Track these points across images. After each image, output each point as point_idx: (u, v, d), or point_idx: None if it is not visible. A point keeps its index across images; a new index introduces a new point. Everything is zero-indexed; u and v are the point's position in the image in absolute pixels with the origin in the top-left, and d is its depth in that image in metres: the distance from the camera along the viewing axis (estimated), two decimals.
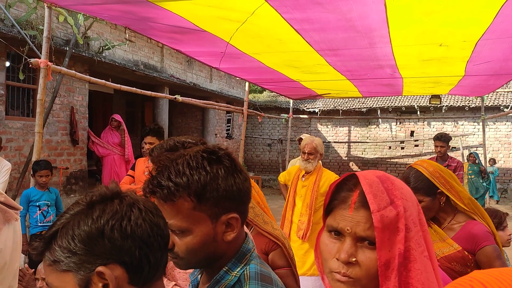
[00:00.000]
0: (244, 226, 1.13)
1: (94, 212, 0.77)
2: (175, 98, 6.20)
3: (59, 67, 5.25)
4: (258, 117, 9.24)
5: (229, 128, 15.89)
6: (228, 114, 15.55)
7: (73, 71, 5.73)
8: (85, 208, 0.78)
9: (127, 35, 9.65)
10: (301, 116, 13.51)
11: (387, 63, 4.81)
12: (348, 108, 15.19)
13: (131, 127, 11.26)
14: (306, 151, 3.71)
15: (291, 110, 10.24)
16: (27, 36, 6.13)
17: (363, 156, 15.63)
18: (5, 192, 5.18)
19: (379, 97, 14.78)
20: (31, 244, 1.21)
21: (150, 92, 6.08)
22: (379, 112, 14.87)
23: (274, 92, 9.04)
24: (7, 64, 6.94)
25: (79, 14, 5.99)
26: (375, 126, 15.47)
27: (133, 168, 3.94)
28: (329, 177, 3.73)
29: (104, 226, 0.75)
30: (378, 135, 15.47)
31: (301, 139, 6.30)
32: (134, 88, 5.59)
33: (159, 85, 10.72)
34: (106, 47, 8.34)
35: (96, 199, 0.80)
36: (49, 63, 4.72)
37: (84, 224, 0.76)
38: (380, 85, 6.54)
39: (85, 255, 0.76)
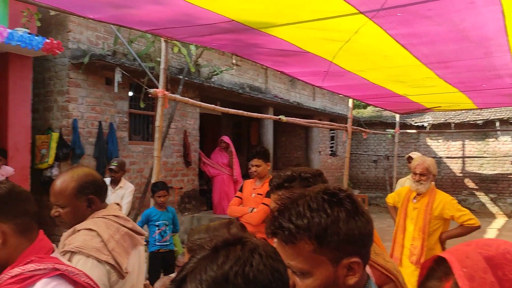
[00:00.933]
0: None
1: (219, 258, 0.80)
2: (279, 118, 6.33)
3: (174, 95, 5.70)
4: (363, 134, 9.00)
5: (333, 145, 15.70)
6: (332, 131, 15.38)
7: (186, 98, 6.18)
8: (210, 253, 0.82)
9: (234, 60, 10.16)
10: (409, 131, 12.83)
11: (506, 72, 4.38)
12: (461, 120, 14.04)
13: (238, 147, 11.72)
14: (418, 172, 3.51)
15: (397, 125, 9.79)
16: (146, 68, 6.79)
17: (480, 172, 14.25)
18: (129, 211, 5.69)
19: (496, 108, 13.44)
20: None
21: (256, 114, 6.29)
22: (498, 124, 13.50)
23: (379, 107, 8.73)
24: (130, 94, 7.73)
25: (191, 45, 6.47)
26: (494, 139, 14.05)
27: (241, 190, 4.08)
28: (444, 199, 3.47)
29: (228, 272, 0.78)
30: (497, 149, 14.01)
31: (410, 157, 5.97)
32: (241, 111, 5.83)
33: (264, 106, 11.04)
34: (215, 72, 8.86)
35: (220, 244, 0.83)
36: (166, 92, 5.15)
37: (210, 270, 0.79)
38: (499, 96, 5.96)
39: None
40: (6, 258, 1.21)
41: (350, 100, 7.30)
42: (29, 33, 5.37)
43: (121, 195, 5.03)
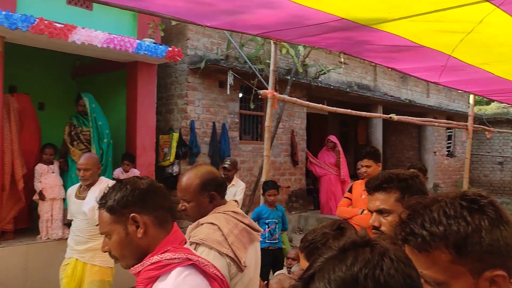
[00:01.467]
0: None
1: (347, 259, 0.79)
2: (390, 117, 6.08)
3: (282, 95, 5.81)
4: (486, 133, 8.21)
5: (450, 145, 14.57)
6: (449, 130, 14.29)
7: (294, 98, 6.25)
8: (337, 254, 0.81)
9: (342, 59, 10.00)
10: None
11: None
12: None
13: (345, 147, 11.50)
14: None
15: None
16: (256, 70, 7.02)
17: None
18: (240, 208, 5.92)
19: None
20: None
21: (364, 112, 6.13)
22: None
23: (506, 103, 7.89)
24: (240, 95, 8.06)
25: (299, 46, 6.54)
26: None
27: (350, 190, 4.02)
28: None
29: (357, 274, 0.76)
30: None
31: None
32: (349, 110, 5.73)
33: (372, 104, 10.69)
34: (322, 72, 8.82)
35: (348, 245, 0.81)
36: (275, 93, 5.28)
37: (338, 270, 0.78)
38: None
39: None
40: (147, 247, 1.34)
41: (471, 96, 6.72)
42: (154, 43, 5.91)
43: (233, 192, 5.26)
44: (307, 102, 6.24)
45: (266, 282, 2.65)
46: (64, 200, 5.19)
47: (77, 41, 5.02)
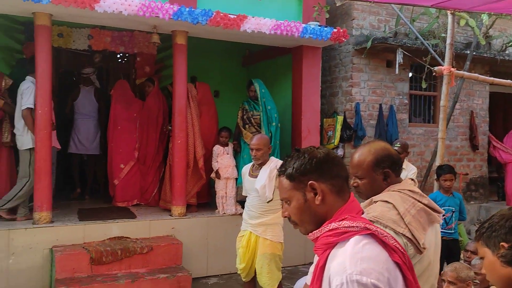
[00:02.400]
0: None
1: None
2: None
3: (461, 72, 5.22)
4: None
5: None
6: None
7: (475, 74, 5.56)
8: None
9: None
10: None
11: None
12: None
13: None
14: None
15: None
16: (429, 46, 6.44)
17: None
18: None
19: None
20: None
21: None
22: None
23: None
24: (410, 75, 7.53)
25: (482, 15, 5.76)
26: None
27: None
28: None
29: None
30: None
31: None
32: None
33: None
34: (510, 43, 7.63)
35: None
36: (452, 69, 4.76)
37: None
38: None
39: None
40: (324, 214, 1.37)
41: None
42: (319, 25, 5.90)
43: (404, 176, 4.96)
44: (492, 78, 5.49)
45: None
46: (237, 179, 5.63)
47: (248, 30, 5.32)
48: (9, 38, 6.19)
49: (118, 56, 7.31)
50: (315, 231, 1.35)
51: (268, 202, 3.84)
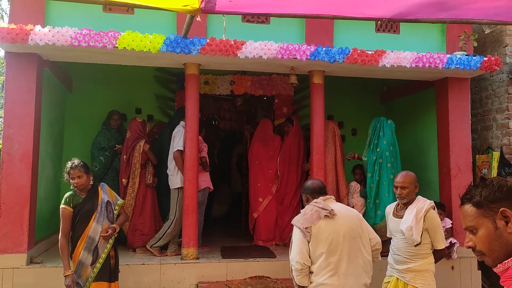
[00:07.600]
0: None
1: None
2: None
3: None
4: None
5: None
6: None
7: None
8: None
9: None
10: None
11: None
12: None
13: None
14: None
15: None
16: None
17: None
18: None
19: None
20: None
21: None
22: None
23: None
24: None
25: None
26: None
27: None
28: None
29: None
30: None
31: None
32: None
33: None
34: None
35: None
36: None
37: None
38: None
39: None
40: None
41: None
42: (466, 55, 5.43)
43: None
44: None
45: None
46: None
47: (387, 65, 5.13)
48: (164, 88, 6.98)
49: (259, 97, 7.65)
50: (505, 261, 1.31)
51: (415, 245, 3.49)
